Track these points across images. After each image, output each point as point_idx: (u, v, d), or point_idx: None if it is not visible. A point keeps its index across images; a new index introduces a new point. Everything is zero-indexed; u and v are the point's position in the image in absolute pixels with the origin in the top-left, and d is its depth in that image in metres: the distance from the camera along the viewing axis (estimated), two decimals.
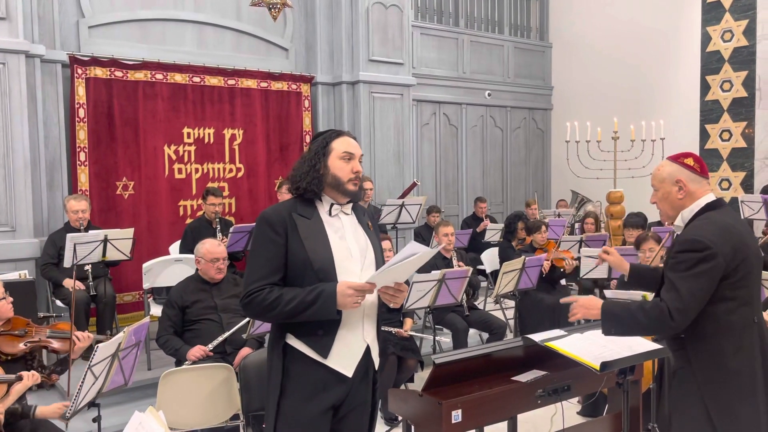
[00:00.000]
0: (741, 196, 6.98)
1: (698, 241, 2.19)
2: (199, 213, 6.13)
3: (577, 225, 7.79)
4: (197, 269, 4.15)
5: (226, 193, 6.63)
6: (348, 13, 7.28)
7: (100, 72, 5.90)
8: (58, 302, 5.07)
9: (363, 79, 7.25)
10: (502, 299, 6.23)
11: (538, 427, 4.02)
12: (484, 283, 7.16)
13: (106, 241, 4.86)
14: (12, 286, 3.91)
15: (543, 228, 6.00)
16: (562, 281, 6.12)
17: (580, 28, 10.34)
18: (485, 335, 5.35)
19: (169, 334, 3.96)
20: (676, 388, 2.35)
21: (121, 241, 4.96)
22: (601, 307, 2.36)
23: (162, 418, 1.92)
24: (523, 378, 2.76)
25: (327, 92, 7.47)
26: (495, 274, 6.12)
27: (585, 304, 2.44)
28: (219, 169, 6.69)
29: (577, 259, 5.61)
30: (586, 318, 2.49)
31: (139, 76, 6.12)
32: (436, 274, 4.55)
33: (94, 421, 2.98)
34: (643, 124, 7.55)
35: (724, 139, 8.68)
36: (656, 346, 2.58)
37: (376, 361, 2.36)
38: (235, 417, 3.52)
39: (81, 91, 5.79)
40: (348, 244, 2.28)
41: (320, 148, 2.28)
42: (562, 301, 2.64)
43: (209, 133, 6.61)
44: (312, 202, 2.29)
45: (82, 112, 5.81)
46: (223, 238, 5.35)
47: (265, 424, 2.31)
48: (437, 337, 4.93)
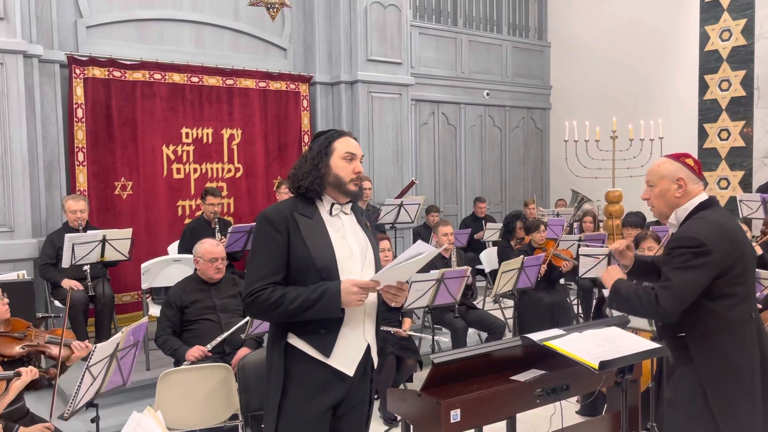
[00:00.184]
0: (739, 196, 6.99)
1: (693, 238, 2.23)
2: (198, 213, 6.12)
3: (575, 224, 7.79)
4: (196, 269, 4.15)
5: (225, 193, 6.63)
6: (346, 13, 7.28)
7: (98, 72, 5.89)
8: (57, 303, 5.07)
9: (361, 78, 7.25)
10: (501, 299, 6.23)
11: (537, 426, 4.02)
12: (483, 283, 7.15)
13: (104, 241, 4.86)
14: (10, 287, 3.91)
15: (542, 227, 6.00)
16: (561, 281, 6.12)
17: (579, 28, 10.35)
18: (484, 335, 5.35)
19: (168, 335, 3.96)
20: (675, 387, 2.37)
21: (119, 242, 4.96)
22: (614, 282, 2.48)
23: (160, 418, 1.92)
24: (522, 377, 2.76)
25: (325, 92, 7.47)
26: (494, 274, 6.12)
27: (609, 271, 2.58)
28: (217, 169, 6.69)
29: (576, 259, 5.61)
30: (603, 281, 2.63)
31: (138, 76, 6.11)
32: (434, 274, 4.55)
33: (93, 421, 2.98)
34: (641, 124, 7.56)
35: (723, 138, 8.69)
36: (655, 345, 2.57)
37: (375, 359, 2.37)
38: (234, 417, 3.52)
39: (79, 91, 5.79)
40: (349, 244, 2.28)
41: (323, 147, 2.28)
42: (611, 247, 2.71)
43: (208, 133, 6.60)
44: (312, 202, 2.29)
45: (80, 113, 5.81)
46: (221, 238, 5.35)
47: (265, 424, 2.31)
48: (436, 337, 4.92)
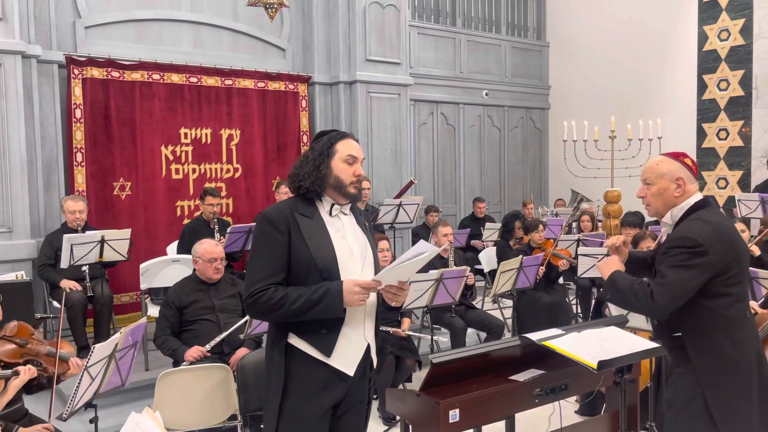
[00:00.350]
0: (738, 195, 7.00)
1: (691, 238, 2.23)
2: (197, 213, 6.12)
3: (574, 224, 7.80)
4: (194, 269, 4.15)
5: (224, 194, 6.62)
6: (345, 13, 7.28)
7: (96, 72, 5.89)
8: (55, 303, 5.06)
9: (360, 78, 7.25)
10: (499, 298, 6.23)
11: (536, 426, 4.02)
12: (482, 283, 7.16)
13: (103, 241, 4.86)
14: (9, 287, 3.91)
15: (540, 227, 6.01)
16: (560, 280, 6.12)
17: (577, 28, 10.35)
18: (483, 335, 5.35)
19: (167, 335, 3.96)
20: (674, 386, 2.37)
21: (118, 242, 4.96)
22: (610, 273, 2.46)
23: (159, 419, 1.92)
24: (521, 377, 2.76)
25: (324, 92, 7.47)
26: (493, 274, 6.12)
27: (607, 262, 2.55)
28: (216, 170, 6.69)
29: (575, 258, 5.61)
30: (600, 272, 2.60)
31: (136, 76, 6.11)
32: (433, 274, 4.55)
33: (91, 422, 2.97)
34: (640, 123, 7.55)
35: (721, 138, 8.69)
36: (654, 345, 2.58)
37: (375, 359, 2.37)
38: (233, 417, 3.51)
39: (77, 91, 5.78)
40: (349, 244, 2.29)
41: (325, 149, 2.28)
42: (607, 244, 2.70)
43: (206, 134, 6.60)
44: (312, 202, 2.29)
45: (78, 113, 5.80)
46: (220, 239, 5.34)
47: (265, 424, 2.30)
48: (435, 337, 4.93)
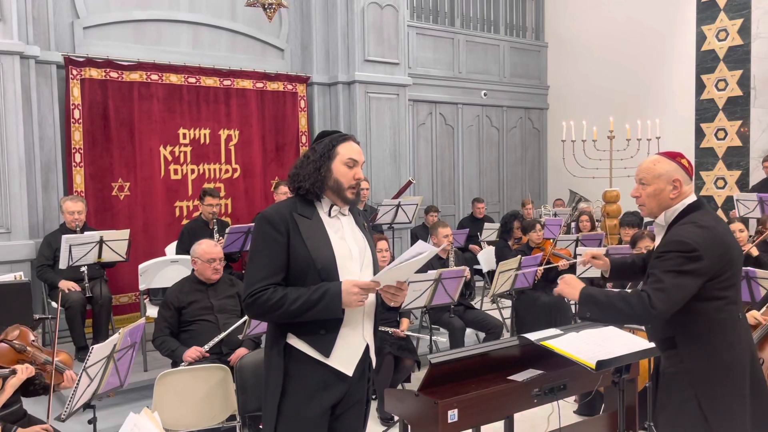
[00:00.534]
0: (736, 195, 7.00)
1: (685, 243, 2.21)
2: (196, 214, 6.11)
3: (573, 224, 7.81)
4: (193, 270, 4.14)
5: (222, 194, 6.62)
6: (343, 14, 7.28)
7: (95, 73, 5.88)
8: (54, 304, 5.06)
9: (359, 79, 7.25)
10: (498, 299, 6.23)
11: (535, 426, 4.02)
12: (481, 283, 7.16)
13: (101, 242, 4.86)
14: (7, 288, 3.91)
15: (538, 227, 6.01)
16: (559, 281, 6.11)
17: (576, 28, 10.36)
18: (482, 335, 5.35)
19: (165, 335, 3.96)
20: (667, 388, 2.35)
21: (116, 243, 4.96)
22: (581, 289, 2.40)
23: (157, 419, 1.92)
24: (520, 377, 2.76)
25: (323, 92, 7.47)
26: (491, 274, 6.12)
27: (567, 281, 2.51)
28: (215, 170, 6.68)
29: (574, 258, 5.61)
30: (564, 295, 2.55)
31: (135, 76, 6.11)
32: (432, 274, 4.55)
33: (90, 422, 2.97)
34: (638, 123, 7.57)
35: (720, 138, 8.70)
36: (652, 345, 2.58)
37: (373, 359, 2.37)
38: (232, 418, 3.51)
39: (76, 92, 5.78)
40: (348, 244, 2.29)
41: (326, 150, 2.28)
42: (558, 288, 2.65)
43: (205, 134, 6.59)
44: (311, 203, 2.30)
45: (77, 113, 5.80)
46: (219, 239, 5.34)
47: (264, 424, 2.31)
48: (434, 337, 4.93)
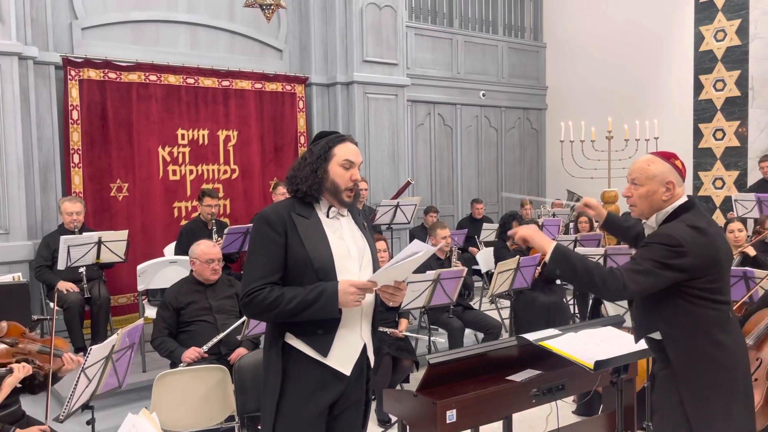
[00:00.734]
0: (735, 195, 7.01)
1: (672, 237, 2.20)
2: (194, 214, 6.11)
3: (571, 225, 7.81)
4: (192, 271, 4.14)
5: (221, 195, 6.62)
6: (342, 14, 7.28)
7: (93, 74, 5.88)
8: (52, 305, 5.04)
9: (357, 79, 7.25)
10: (497, 299, 6.23)
11: (534, 426, 4.02)
12: (480, 283, 7.16)
13: (100, 243, 4.85)
14: (5, 289, 3.91)
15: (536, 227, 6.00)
16: (557, 281, 6.12)
17: (574, 28, 10.37)
18: (481, 335, 5.36)
19: (164, 336, 3.95)
20: (659, 390, 2.34)
21: (115, 243, 4.95)
22: (556, 244, 2.30)
23: (155, 420, 1.92)
24: (518, 377, 2.77)
25: (321, 93, 7.47)
26: (490, 274, 6.13)
27: (534, 231, 2.36)
28: (213, 171, 6.68)
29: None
30: (524, 243, 2.39)
31: (133, 77, 6.10)
32: (431, 274, 4.55)
33: (88, 423, 2.97)
34: (637, 124, 7.58)
35: (718, 138, 8.71)
36: None
37: (371, 359, 2.38)
38: (230, 419, 3.51)
39: (74, 92, 5.78)
40: (347, 244, 2.29)
41: (322, 152, 2.28)
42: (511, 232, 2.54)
43: (203, 135, 6.59)
44: (310, 203, 2.30)
45: (75, 114, 5.80)
46: (218, 240, 5.34)
47: (262, 424, 2.31)
48: (432, 338, 4.92)
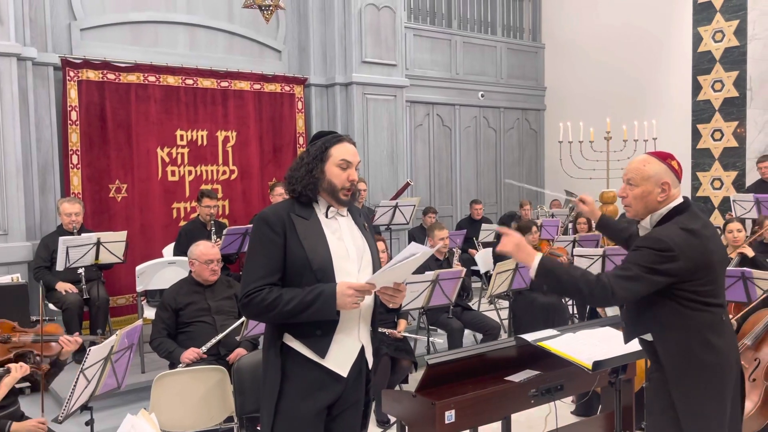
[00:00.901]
0: (733, 196, 7.03)
1: (662, 241, 2.17)
2: (193, 215, 6.11)
3: (570, 225, 7.82)
4: (191, 271, 4.15)
5: (220, 195, 6.61)
6: (341, 15, 7.29)
7: (92, 74, 5.88)
8: (51, 306, 5.06)
9: (356, 80, 7.25)
10: (496, 300, 6.24)
11: (532, 426, 4.02)
12: (478, 284, 7.16)
13: (98, 244, 4.85)
14: (4, 290, 3.91)
15: (534, 228, 6.01)
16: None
17: (573, 29, 10.38)
18: (480, 336, 5.36)
19: (163, 337, 3.96)
20: (651, 393, 2.33)
21: (114, 244, 4.95)
22: (540, 259, 2.26)
23: (154, 421, 1.92)
24: (516, 378, 2.77)
25: (320, 94, 7.47)
26: (489, 275, 6.13)
27: (518, 244, 2.30)
28: (212, 171, 6.68)
29: (572, 258, 5.62)
30: (511, 255, 2.33)
31: (132, 78, 6.10)
32: (429, 275, 4.56)
33: (87, 424, 2.97)
34: (635, 124, 7.58)
35: (716, 139, 8.73)
36: None
37: (370, 360, 2.38)
38: (229, 419, 3.51)
39: (73, 93, 5.78)
40: (346, 245, 2.29)
41: (319, 152, 2.28)
42: (498, 229, 2.46)
43: (202, 135, 6.59)
44: (309, 204, 2.30)
45: (74, 115, 5.80)
46: (217, 240, 5.34)
47: (261, 423, 2.31)
48: (431, 338, 4.93)
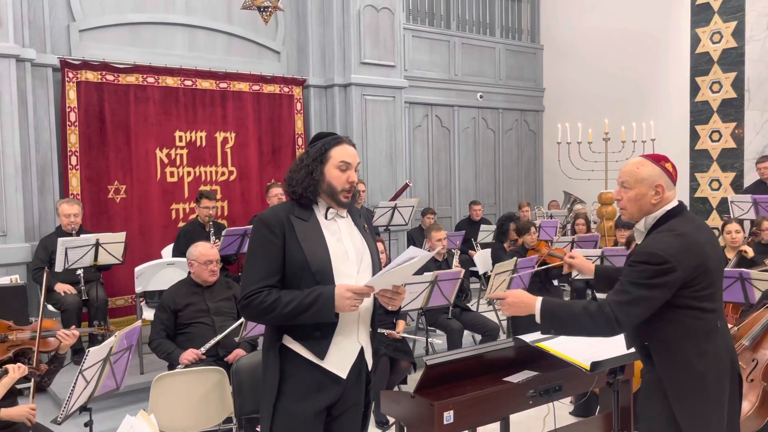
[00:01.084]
0: (731, 197, 7.04)
1: (657, 255, 2.13)
2: (192, 216, 6.12)
3: (568, 226, 7.83)
4: (189, 272, 4.15)
5: (219, 196, 6.62)
6: (339, 16, 7.29)
7: (91, 76, 5.88)
8: (50, 307, 5.05)
9: (355, 81, 7.26)
10: (494, 300, 6.24)
11: (531, 427, 4.03)
12: (477, 285, 7.17)
13: (97, 245, 4.85)
14: (3, 291, 3.91)
15: (532, 229, 6.02)
16: (555, 282, 6.13)
17: (571, 30, 10.40)
18: (478, 336, 5.36)
19: (162, 338, 3.96)
20: (644, 396, 2.32)
21: (112, 245, 4.96)
22: (540, 305, 2.28)
23: (153, 422, 1.93)
24: (515, 378, 2.78)
25: (319, 95, 7.48)
26: (488, 276, 6.13)
27: (516, 299, 2.37)
28: (211, 172, 6.68)
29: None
30: (518, 314, 2.39)
31: (131, 79, 6.11)
32: (428, 276, 4.56)
33: (86, 425, 2.97)
34: (633, 126, 7.60)
35: (714, 140, 8.74)
36: None
37: (369, 362, 2.38)
38: (228, 420, 3.51)
39: (72, 94, 5.78)
40: (345, 247, 2.29)
41: (318, 154, 2.28)
42: (490, 296, 2.55)
43: (201, 137, 6.60)
44: (309, 205, 2.31)
45: (73, 116, 5.80)
46: (216, 241, 5.34)
47: (261, 425, 2.32)
48: (430, 339, 4.93)
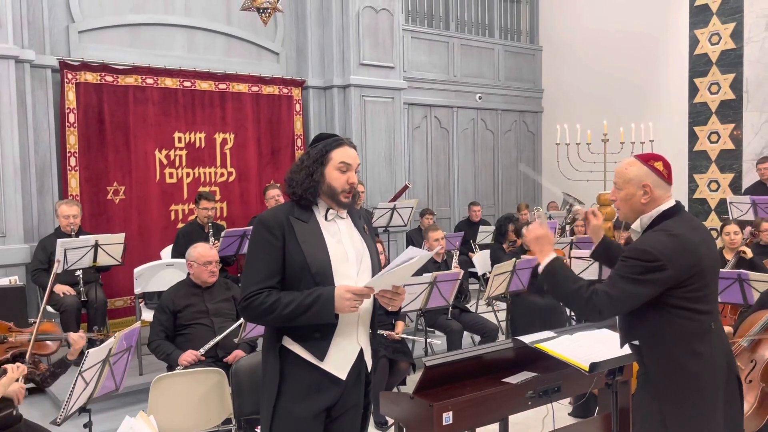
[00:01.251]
0: (729, 198, 7.04)
1: (648, 252, 2.15)
2: (191, 217, 6.12)
3: (568, 227, 7.83)
4: (189, 273, 4.15)
5: (218, 197, 6.62)
6: (339, 17, 7.30)
7: (90, 77, 5.88)
8: (49, 308, 5.05)
9: (354, 82, 7.26)
10: (493, 301, 6.25)
11: (530, 428, 4.03)
12: (476, 286, 7.17)
13: (96, 246, 4.85)
14: (2, 292, 3.92)
15: None
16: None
17: (570, 32, 10.41)
18: (477, 338, 5.37)
19: (161, 339, 3.96)
20: (637, 397, 2.32)
21: (112, 246, 4.96)
22: (549, 261, 2.35)
23: (153, 423, 1.93)
24: (514, 379, 2.78)
25: (318, 96, 7.48)
26: (487, 277, 6.14)
27: (542, 240, 2.42)
28: (210, 174, 6.69)
29: (569, 260, 5.63)
30: (534, 250, 2.47)
31: (130, 80, 6.11)
32: (427, 277, 4.57)
33: (85, 426, 2.97)
34: (632, 127, 7.60)
35: (713, 141, 8.75)
36: None
37: (369, 363, 2.39)
38: (227, 421, 3.51)
39: (71, 96, 5.78)
40: (345, 248, 2.30)
41: (319, 156, 2.29)
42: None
43: (200, 138, 6.60)
44: (309, 207, 2.31)
45: (72, 117, 5.80)
46: (215, 242, 5.34)
47: (261, 425, 2.33)
48: (429, 340, 4.93)
